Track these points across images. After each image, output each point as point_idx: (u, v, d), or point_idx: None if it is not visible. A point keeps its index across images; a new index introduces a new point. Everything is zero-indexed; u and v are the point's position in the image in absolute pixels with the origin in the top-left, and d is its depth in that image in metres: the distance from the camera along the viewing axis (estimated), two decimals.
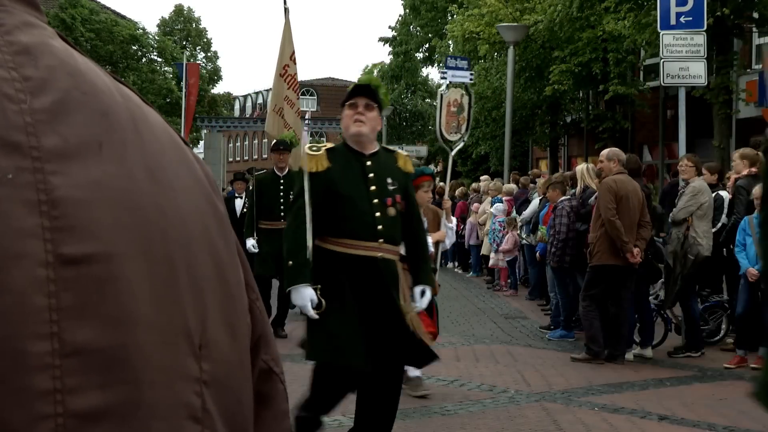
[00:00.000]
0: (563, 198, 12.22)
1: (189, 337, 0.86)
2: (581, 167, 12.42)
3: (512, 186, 19.09)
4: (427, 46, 49.01)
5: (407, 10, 50.21)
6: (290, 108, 11.18)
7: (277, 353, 1.07)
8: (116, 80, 0.93)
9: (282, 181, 11.91)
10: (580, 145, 32.83)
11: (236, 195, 17.35)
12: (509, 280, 17.80)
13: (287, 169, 11.80)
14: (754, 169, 11.15)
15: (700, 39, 14.74)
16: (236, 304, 0.95)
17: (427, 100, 54.83)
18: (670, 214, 11.06)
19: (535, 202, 15.35)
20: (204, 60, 58.09)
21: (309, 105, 73.84)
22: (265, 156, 75.23)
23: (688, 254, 10.50)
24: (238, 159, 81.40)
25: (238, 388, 0.93)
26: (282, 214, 11.46)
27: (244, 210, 17.23)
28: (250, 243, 11.95)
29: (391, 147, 6.97)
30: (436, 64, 46.02)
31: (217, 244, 0.94)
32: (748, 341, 10.30)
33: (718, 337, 11.36)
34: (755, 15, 20.78)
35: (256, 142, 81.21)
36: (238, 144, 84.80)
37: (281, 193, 11.79)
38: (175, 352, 0.84)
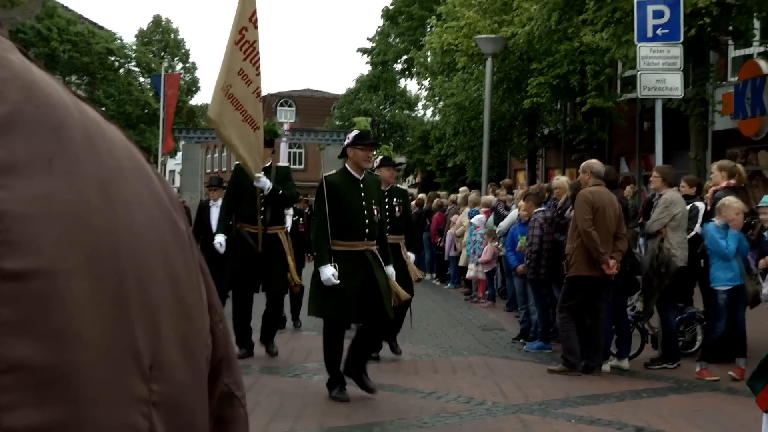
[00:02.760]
0: (537, 210, 12.23)
1: (137, 356, 0.84)
2: (565, 179, 12.44)
3: (490, 197, 19.10)
4: (405, 57, 49.12)
5: (386, 21, 50.36)
6: (246, 85, 10.10)
7: (240, 377, 1.04)
8: (76, 96, 0.91)
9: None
10: (558, 156, 32.98)
11: (212, 203, 16.11)
12: (487, 292, 17.79)
13: (270, 162, 10.99)
14: (732, 181, 11.21)
15: (677, 51, 14.81)
16: (194, 324, 0.93)
17: (406, 111, 54.94)
18: (645, 226, 11.11)
19: (513, 213, 15.38)
20: (182, 71, 57.99)
21: (288, 116, 73.68)
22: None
23: (663, 265, 10.54)
24: (216, 170, 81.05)
25: (192, 412, 0.91)
26: (262, 209, 10.85)
27: None
28: (220, 239, 11.18)
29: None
30: (414, 76, 46.12)
31: (175, 263, 0.91)
32: (717, 353, 10.36)
33: (694, 349, 11.38)
34: (731, 28, 20.93)
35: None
36: (216, 155, 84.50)
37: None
38: (121, 372, 0.82)
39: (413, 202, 26.80)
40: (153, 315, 0.86)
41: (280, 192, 10.83)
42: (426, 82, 39.98)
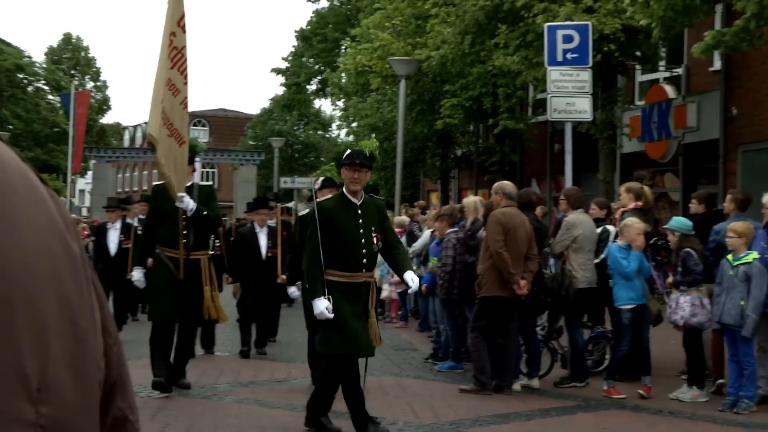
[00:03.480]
0: (450, 230, 12.32)
1: (24, 379, 0.82)
2: (473, 199, 12.53)
3: (404, 218, 19.15)
4: (319, 77, 49.21)
5: (300, 42, 50.39)
6: (173, 96, 9.47)
7: (133, 401, 1.03)
8: None
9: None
10: (471, 177, 33.30)
11: (110, 225, 15.67)
12: (400, 312, 17.83)
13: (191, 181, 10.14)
14: (639, 203, 11.41)
15: (586, 75, 15.09)
16: (86, 347, 0.92)
17: (320, 131, 54.96)
18: (549, 248, 11.27)
19: (426, 234, 15.45)
20: (93, 89, 57.19)
21: (201, 136, 73.16)
22: None
23: (563, 287, 10.70)
24: (127, 189, 79.99)
25: None
26: (185, 233, 9.96)
27: (120, 239, 15.77)
28: (138, 276, 10.36)
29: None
30: (328, 96, 46.21)
31: (67, 285, 0.90)
32: (625, 371, 10.53)
33: (603, 367, 11.55)
34: (638, 53, 21.42)
35: (146, 173, 79.91)
36: (128, 175, 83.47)
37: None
38: (7, 395, 0.81)
39: None
40: (42, 337, 0.85)
41: (205, 213, 10.00)
42: (340, 103, 40.10)
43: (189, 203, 9.84)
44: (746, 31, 13.89)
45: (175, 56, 9.38)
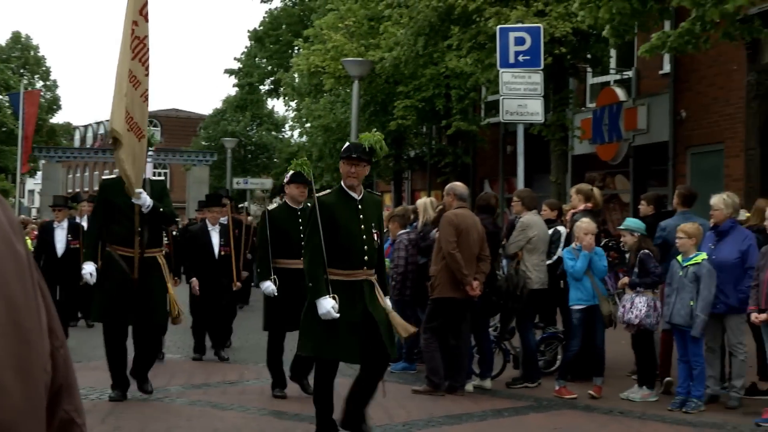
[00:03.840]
0: (402, 231, 12.31)
1: None
2: (424, 200, 12.54)
3: None
4: (272, 78, 49.02)
5: (252, 42, 50.15)
6: (134, 89, 9.15)
7: (80, 403, 1.02)
8: None
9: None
10: (424, 178, 33.35)
11: (56, 224, 15.25)
12: None
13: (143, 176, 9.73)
14: (589, 204, 11.50)
15: (537, 78, 15.18)
16: (32, 349, 0.90)
17: (273, 132, 54.75)
18: (503, 249, 11.31)
19: None
20: (43, 88, 56.53)
21: (153, 136, 72.59)
22: None
23: (518, 287, 10.75)
24: (77, 190, 79.21)
25: None
26: (140, 230, 9.55)
27: (68, 238, 15.36)
28: (89, 269, 9.75)
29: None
30: (282, 97, 46.04)
31: (12, 287, 0.89)
32: (576, 372, 10.60)
33: (554, 368, 11.62)
34: (589, 56, 21.62)
35: (97, 173, 79.10)
36: (78, 175, 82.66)
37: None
38: None
39: None
40: None
41: (161, 210, 9.70)
42: (293, 104, 39.98)
43: (146, 199, 9.49)
44: (691, 34, 14.08)
45: (136, 46, 9.04)
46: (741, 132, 18.57)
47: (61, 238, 15.16)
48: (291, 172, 10.07)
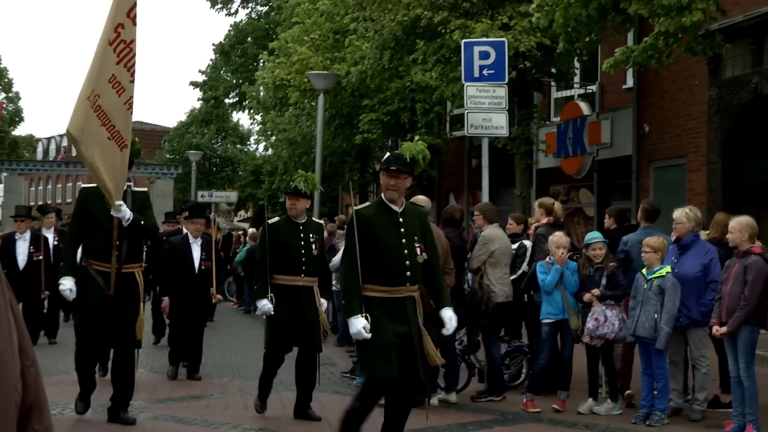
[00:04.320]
0: None
1: None
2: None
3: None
4: (237, 91, 48.90)
5: (218, 55, 50.03)
6: (116, 95, 8.58)
7: (50, 422, 1.00)
8: None
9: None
10: None
11: (18, 236, 15.01)
12: None
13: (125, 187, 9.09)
14: (551, 218, 11.53)
15: (502, 92, 15.23)
16: (2, 368, 0.88)
17: (238, 145, 54.60)
18: (467, 263, 11.31)
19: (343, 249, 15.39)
20: (5, 100, 56.04)
21: (137, 147, 72.08)
22: (69, 201, 72.74)
23: (482, 302, 10.75)
24: (40, 202, 78.55)
25: None
26: (118, 244, 8.94)
27: (30, 250, 15.11)
28: (68, 284, 9.08)
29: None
30: (246, 110, 45.92)
31: None
32: (540, 385, 10.61)
33: (519, 381, 11.63)
34: (553, 70, 21.75)
35: (60, 186, 78.52)
36: (41, 188, 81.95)
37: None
38: None
39: (247, 237, 26.63)
40: None
41: (142, 223, 9.08)
42: (258, 117, 39.91)
43: (126, 212, 8.85)
44: (654, 48, 14.22)
45: (122, 51, 8.43)
46: (703, 146, 18.75)
47: (23, 250, 14.84)
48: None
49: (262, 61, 35.79)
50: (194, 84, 52.01)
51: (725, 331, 9.08)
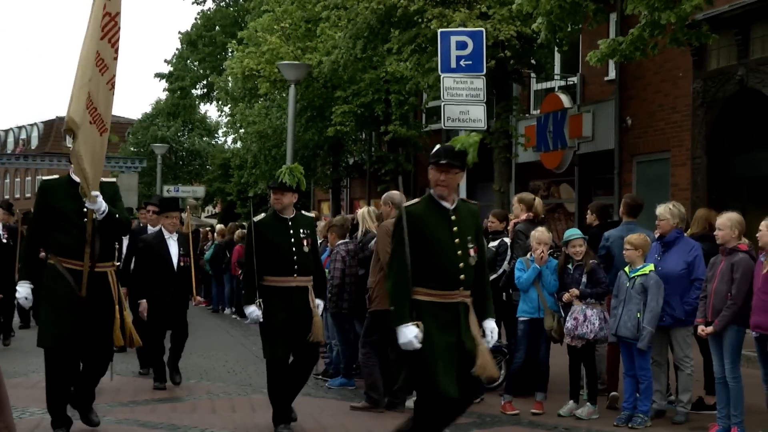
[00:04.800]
0: (340, 242, 11.90)
1: None
2: (362, 210, 12.19)
3: None
4: (205, 82, 48.29)
5: (184, 45, 49.39)
6: (100, 74, 8.02)
7: (11, 420, 0.68)
8: None
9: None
10: (363, 187, 33.03)
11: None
12: None
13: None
14: (531, 214, 11.25)
15: (480, 83, 14.94)
16: None
17: (205, 138, 53.93)
18: None
19: None
20: None
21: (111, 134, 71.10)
22: (28, 195, 71.78)
23: None
24: (7, 196, 77.34)
25: None
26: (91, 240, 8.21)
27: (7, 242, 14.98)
28: (24, 292, 8.36)
29: None
30: (214, 101, 45.38)
31: None
32: (519, 387, 10.35)
33: (497, 383, 11.29)
34: (533, 61, 21.41)
35: (18, 179, 77.27)
36: (7, 180, 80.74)
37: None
38: None
39: (215, 233, 26.21)
40: None
41: (117, 216, 8.35)
42: (227, 109, 39.41)
43: (102, 204, 8.11)
44: (641, 40, 13.95)
45: (106, 24, 7.86)
46: (687, 140, 18.54)
47: None
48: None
49: (230, 50, 35.32)
50: (160, 75, 51.28)
51: (711, 330, 8.90)
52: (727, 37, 16.65)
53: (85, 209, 8.17)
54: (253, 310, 8.80)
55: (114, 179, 8.88)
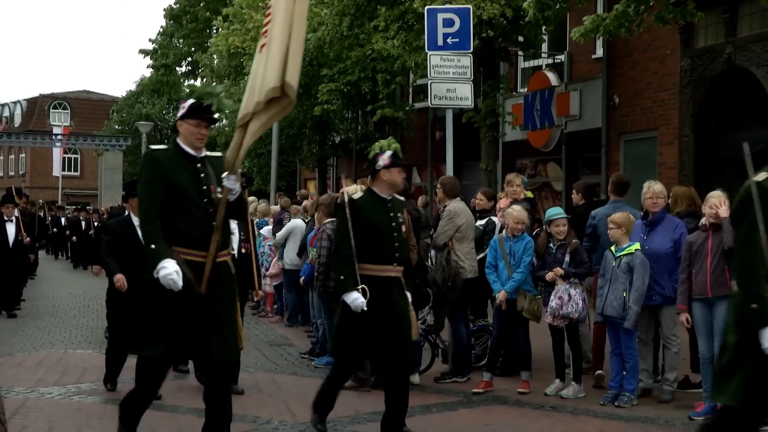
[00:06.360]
0: (327, 221, 11.86)
1: None
2: (351, 188, 12.13)
3: (276, 207, 18.63)
4: (189, 59, 47.95)
5: (168, 21, 49.00)
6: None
7: (2, 416, 0.65)
8: None
9: None
10: (350, 165, 32.92)
11: (6, 219, 15.93)
12: (275, 306, 17.31)
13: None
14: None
15: (467, 61, 14.84)
16: None
17: None
18: (432, 240, 10.93)
19: (291, 224, 15.08)
20: None
21: (62, 119, 70.43)
22: (12, 174, 71.19)
23: (451, 278, 10.38)
24: (1, 175, 76.39)
25: None
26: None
27: (19, 237, 15.87)
28: (173, 267, 6.49)
29: None
30: (199, 79, 45.07)
31: None
32: (501, 365, 10.42)
33: (484, 362, 11.28)
34: (520, 39, 21.30)
35: (1, 158, 76.55)
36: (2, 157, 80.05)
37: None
38: None
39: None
40: None
41: (245, 198, 7.10)
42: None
43: (237, 184, 6.78)
44: (626, 16, 13.89)
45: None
46: (675, 119, 18.50)
47: (12, 233, 15.80)
48: (388, 152, 7.96)
49: (215, 27, 35.04)
50: (144, 52, 50.91)
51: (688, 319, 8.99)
52: (714, 15, 16.60)
53: (209, 187, 6.77)
54: (357, 297, 7.61)
55: (219, 154, 7.25)
